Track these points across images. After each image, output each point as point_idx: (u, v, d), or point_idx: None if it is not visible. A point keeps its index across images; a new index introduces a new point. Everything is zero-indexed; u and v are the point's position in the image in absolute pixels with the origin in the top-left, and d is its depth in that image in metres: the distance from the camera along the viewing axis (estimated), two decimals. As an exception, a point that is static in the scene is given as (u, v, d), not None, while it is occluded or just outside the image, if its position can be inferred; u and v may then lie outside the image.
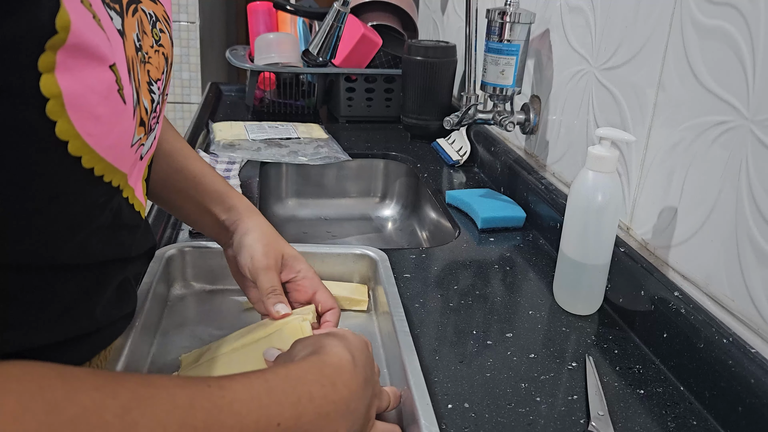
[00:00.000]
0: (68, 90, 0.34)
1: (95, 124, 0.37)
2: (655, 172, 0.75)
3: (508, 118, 1.05)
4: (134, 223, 0.50)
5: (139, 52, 0.44)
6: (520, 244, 0.96)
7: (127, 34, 0.42)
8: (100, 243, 0.45)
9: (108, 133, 0.39)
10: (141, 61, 0.45)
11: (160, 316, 0.72)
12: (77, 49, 0.34)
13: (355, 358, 0.50)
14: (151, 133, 0.48)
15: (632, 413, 0.61)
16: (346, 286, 0.78)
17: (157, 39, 0.49)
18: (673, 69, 0.71)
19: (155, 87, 0.47)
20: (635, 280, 0.73)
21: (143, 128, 0.45)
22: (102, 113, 0.37)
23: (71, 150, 0.36)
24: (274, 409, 0.43)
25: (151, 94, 0.46)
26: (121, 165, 0.42)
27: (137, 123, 0.43)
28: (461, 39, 1.42)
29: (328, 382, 0.47)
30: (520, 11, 0.97)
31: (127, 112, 0.40)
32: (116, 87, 0.38)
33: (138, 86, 0.43)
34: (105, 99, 0.37)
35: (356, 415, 0.49)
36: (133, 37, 0.43)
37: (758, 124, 0.59)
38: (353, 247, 0.82)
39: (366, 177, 1.36)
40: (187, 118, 2.33)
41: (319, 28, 1.08)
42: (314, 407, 0.45)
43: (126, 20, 0.43)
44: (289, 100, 1.59)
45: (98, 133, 0.37)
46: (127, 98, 0.40)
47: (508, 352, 0.69)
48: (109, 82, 0.37)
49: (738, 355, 0.58)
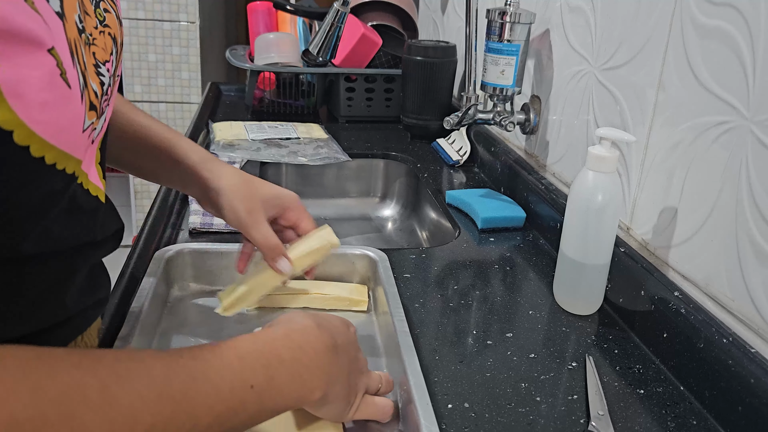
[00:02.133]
0: (5, 78, 0.33)
1: (41, 110, 0.36)
2: (655, 172, 0.75)
3: (508, 118, 1.05)
4: (92, 206, 0.50)
5: (83, 33, 0.43)
6: (520, 244, 0.96)
7: (68, 15, 0.41)
8: (62, 228, 0.45)
9: (57, 119, 0.37)
10: (85, 43, 0.43)
11: (160, 316, 0.72)
12: (9, 35, 0.33)
13: (321, 325, 0.53)
14: (102, 116, 0.47)
15: (632, 413, 0.61)
16: (346, 287, 0.78)
17: (101, 19, 0.48)
18: (673, 69, 0.71)
19: (103, 69, 0.46)
20: (635, 280, 0.73)
21: (94, 112, 0.43)
22: (47, 99, 0.36)
23: (17, 139, 0.35)
24: (246, 374, 0.45)
25: (100, 77, 0.45)
26: (74, 151, 0.41)
27: (87, 107, 0.41)
28: (461, 39, 1.42)
29: (295, 345, 0.49)
30: (520, 11, 0.97)
31: (74, 96, 0.39)
32: (58, 71, 0.37)
33: (84, 69, 0.42)
34: (48, 84, 0.36)
35: (333, 379, 0.51)
36: (74, 18, 0.42)
37: (758, 124, 0.59)
38: (353, 248, 0.82)
39: (366, 177, 1.36)
40: (187, 118, 2.33)
41: (319, 28, 1.08)
42: (285, 369, 0.47)
43: (66, 1, 0.41)
44: (288, 100, 1.59)
45: (45, 119, 0.36)
46: (72, 82, 0.39)
47: (508, 352, 0.69)
48: (49, 67, 0.36)
49: (738, 355, 0.58)
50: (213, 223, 0.90)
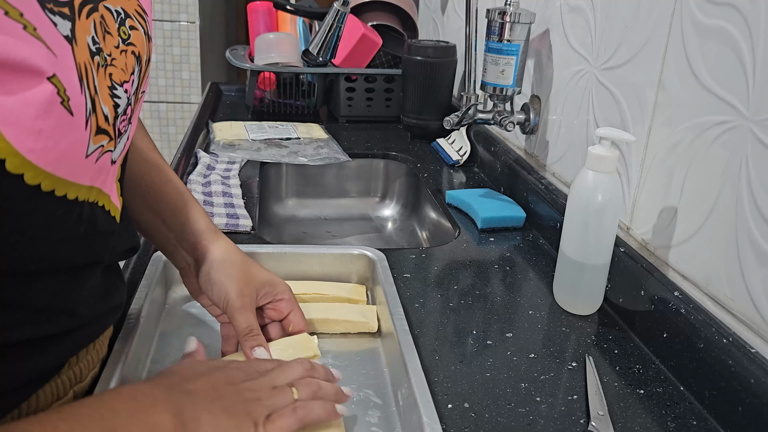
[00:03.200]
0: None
1: (35, 139, 0.35)
2: (655, 172, 0.75)
3: (508, 118, 1.05)
4: (109, 229, 0.49)
5: (97, 56, 0.42)
6: (520, 244, 0.96)
7: (78, 38, 0.40)
8: (69, 251, 0.45)
9: (53, 147, 0.37)
10: (101, 65, 0.43)
11: (158, 319, 0.71)
12: (4, 65, 0.33)
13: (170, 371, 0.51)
14: (121, 137, 0.47)
15: (632, 413, 0.61)
16: (344, 287, 0.78)
17: (125, 38, 0.47)
18: (673, 69, 0.71)
19: (120, 90, 0.45)
20: (635, 280, 0.73)
21: (105, 135, 0.43)
22: (42, 127, 0.36)
23: (9, 168, 0.35)
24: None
25: (114, 99, 0.44)
26: (77, 177, 0.41)
27: (92, 132, 0.41)
28: (461, 39, 1.42)
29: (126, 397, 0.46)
30: (520, 11, 0.97)
31: (77, 123, 0.39)
32: (59, 99, 0.37)
33: (94, 93, 0.41)
34: (45, 113, 0.36)
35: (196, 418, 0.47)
36: (87, 40, 0.41)
37: (758, 124, 0.59)
38: (351, 248, 0.82)
39: (366, 177, 1.36)
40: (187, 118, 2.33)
41: (319, 28, 1.08)
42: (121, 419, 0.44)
43: (78, 23, 0.40)
44: (289, 100, 1.59)
45: (41, 148, 0.36)
46: (76, 109, 0.38)
47: (508, 352, 0.69)
48: (47, 95, 0.36)
49: (738, 355, 0.58)
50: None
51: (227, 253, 0.65)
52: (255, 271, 0.66)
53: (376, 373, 0.66)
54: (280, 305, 0.67)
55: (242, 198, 1.02)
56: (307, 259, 0.80)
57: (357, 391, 0.62)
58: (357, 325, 0.72)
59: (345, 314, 0.72)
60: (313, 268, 0.81)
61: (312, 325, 0.70)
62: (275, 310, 0.67)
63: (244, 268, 0.65)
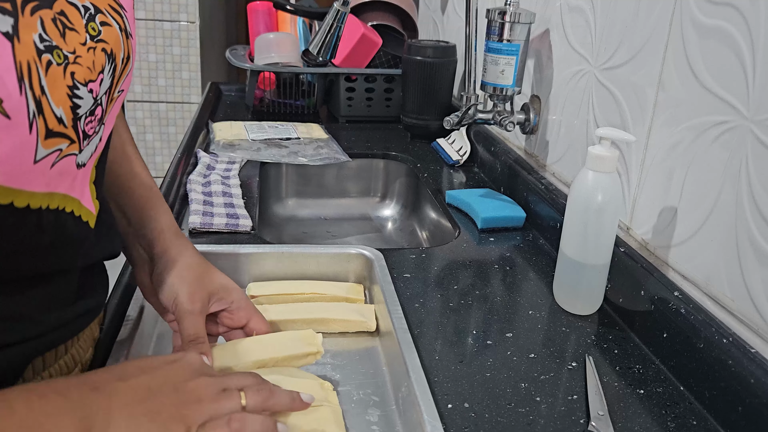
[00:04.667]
0: None
1: None
2: (655, 172, 0.75)
3: (508, 118, 1.05)
4: (81, 236, 0.47)
5: (47, 53, 0.39)
6: (520, 244, 0.96)
7: (22, 35, 0.37)
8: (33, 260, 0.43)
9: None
10: (56, 63, 0.40)
11: (156, 320, 0.71)
12: None
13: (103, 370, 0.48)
14: (90, 139, 0.44)
15: (632, 413, 0.61)
16: (342, 286, 0.78)
17: (93, 34, 0.44)
18: (673, 69, 0.71)
19: (83, 90, 0.42)
20: (635, 280, 0.73)
21: (63, 138, 0.41)
22: None
23: None
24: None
25: (73, 99, 0.41)
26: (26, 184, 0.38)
27: (41, 136, 0.38)
28: (461, 39, 1.42)
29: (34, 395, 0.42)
30: (520, 11, 0.97)
31: (16, 128, 0.36)
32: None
33: (40, 94, 0.38)
34: None
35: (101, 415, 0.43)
36: (33, 37, 0.38)
37: (758, 124, 0.59)
38: (348, 247, 0.82)
39: (366, 177, 1.36)
40: (187, 118, 2.33)
41: (319, 28, 1.08)
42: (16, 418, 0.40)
43: (21, 20, 0.38)
44: (289, 100, 1.59)
45: None
46: (14, 112, 0.36)
47: (508, 352, 0.69)
48: None
49: (738, 355, 0.58)
50: (213, 223, 0.90)
51: (184, 256, 0.63)
52: (211, 276, 0.64)
53: (375, 372, 0.66)
54: (237, 315, 0.64)
55: (242, 198, 1.02)
56: (304, 258, 0.80)
57: (356, 389, 0.63)
58: (355, 324, 0.71)
59: (343, 313, 0.72)
60: (310, 267, 0.81)
61: (310, 325, 0.70)
62: (233, 319, 0.64)
63: (199, 272, 0.63)
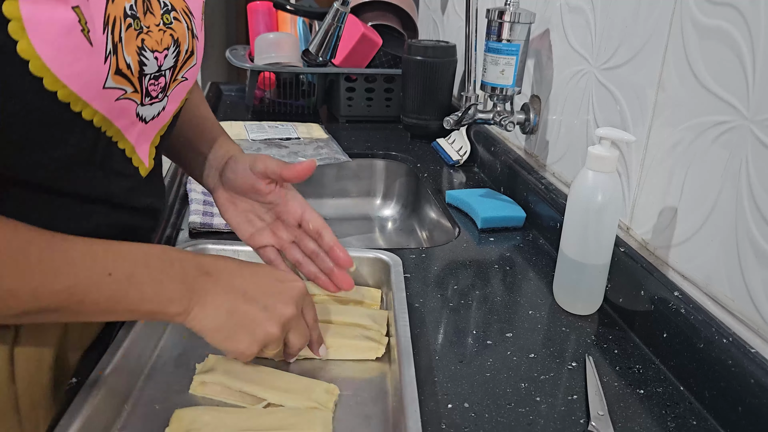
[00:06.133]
0: (29, 16, 0.39)
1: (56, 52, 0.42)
2: (655, 172, 0.75)
3: (508, 118, 1.05)
4: (127, 172, 0.55)
5: (131, 19, 0.48)
6: (520, 244, 0.96)
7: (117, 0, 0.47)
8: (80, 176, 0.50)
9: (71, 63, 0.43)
10: (133, 28, 0.49)
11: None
12: None
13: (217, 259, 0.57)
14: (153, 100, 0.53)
15: (632, 413, 0.61)
16: (359, 290, 0.77)
17: (167, 22, 0.53)
18: (673, 69, 0.71)
19: (149, 55, 0.51)
20: (635, 280, 0.73)
21: (128, 82, 0.49)
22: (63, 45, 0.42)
23: (33, 69, 0.41)
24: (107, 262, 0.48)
25: (141, 57, 0.50)
26: (92, 99, 0.46)
27: (111, 70, 0.47)
28: (461, 39, 1.42)
29: (166, 258, 0.53)
30: (520, 11, 0.97)
31: (95, 53, 0.45)
32: (79, 27, 0.43)
33: (117, 41, 0.47)
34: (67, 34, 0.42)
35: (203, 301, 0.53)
36: (124, 4, 0.48)
37: (758, 124, 0.59)
38: (366, 251, 0.80)
39: (366, 177, 1.36)
40: (187, 118, 2.33)
41: (319, 28, 1.08)
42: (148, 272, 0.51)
43: None
44: (289, 100, 1.59)
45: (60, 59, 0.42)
46: (96, 42, 0.44)
47: (508, 352, 0.69)
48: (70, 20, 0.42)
49: (738, 355, 0.58)
50: (213, 223, 0.90)
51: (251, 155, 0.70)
52: None
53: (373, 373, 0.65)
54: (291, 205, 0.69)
55: (242, 198, 1.02)
56: None
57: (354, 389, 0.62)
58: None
59: (353, 317, 0.70)
60: None
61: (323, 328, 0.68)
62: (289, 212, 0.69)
63: None
